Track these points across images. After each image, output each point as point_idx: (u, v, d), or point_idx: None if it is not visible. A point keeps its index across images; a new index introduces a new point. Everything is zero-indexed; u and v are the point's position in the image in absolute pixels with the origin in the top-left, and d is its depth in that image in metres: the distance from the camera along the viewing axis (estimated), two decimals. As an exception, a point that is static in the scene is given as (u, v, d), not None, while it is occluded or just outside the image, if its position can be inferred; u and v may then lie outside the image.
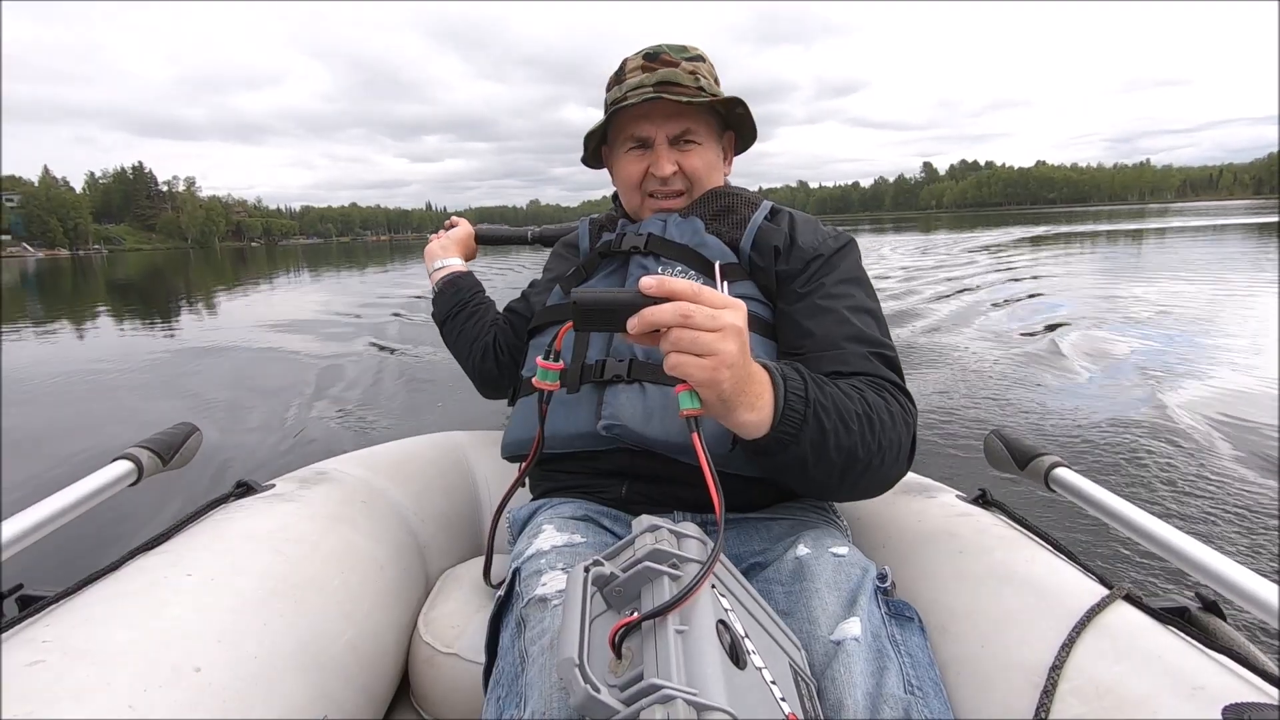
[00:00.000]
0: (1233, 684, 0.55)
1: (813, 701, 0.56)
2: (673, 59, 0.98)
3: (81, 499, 0.79)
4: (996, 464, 1.00)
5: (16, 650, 0.59)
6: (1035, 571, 0.76)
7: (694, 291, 0.59)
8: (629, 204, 1.06)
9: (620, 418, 0.84)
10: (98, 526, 2.37)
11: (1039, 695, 0.60)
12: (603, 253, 1.01)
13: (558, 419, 0.90)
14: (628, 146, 1.00)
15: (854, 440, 0.71)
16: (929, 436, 3.39)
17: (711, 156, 1.01)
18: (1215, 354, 4.92)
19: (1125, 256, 14.59)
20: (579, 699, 0.42)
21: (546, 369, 0.68)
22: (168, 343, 7.23)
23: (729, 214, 0.99)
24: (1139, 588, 0.69)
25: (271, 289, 15.41)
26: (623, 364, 0.87)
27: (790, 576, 0.75)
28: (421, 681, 0.90)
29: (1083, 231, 26.37)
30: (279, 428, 3.79)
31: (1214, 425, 3.37)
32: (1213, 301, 7.22)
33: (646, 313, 0.58)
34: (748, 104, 0.98)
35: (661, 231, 0.97)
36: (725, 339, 0.58)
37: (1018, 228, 32.10)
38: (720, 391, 0.60)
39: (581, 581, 0.51)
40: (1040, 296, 8.15)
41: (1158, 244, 18.02)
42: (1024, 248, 17.68)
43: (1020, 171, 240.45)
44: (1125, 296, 7.82)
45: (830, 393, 0.71)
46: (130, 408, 4.46)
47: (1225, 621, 0.69)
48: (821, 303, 0.88)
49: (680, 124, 0.97)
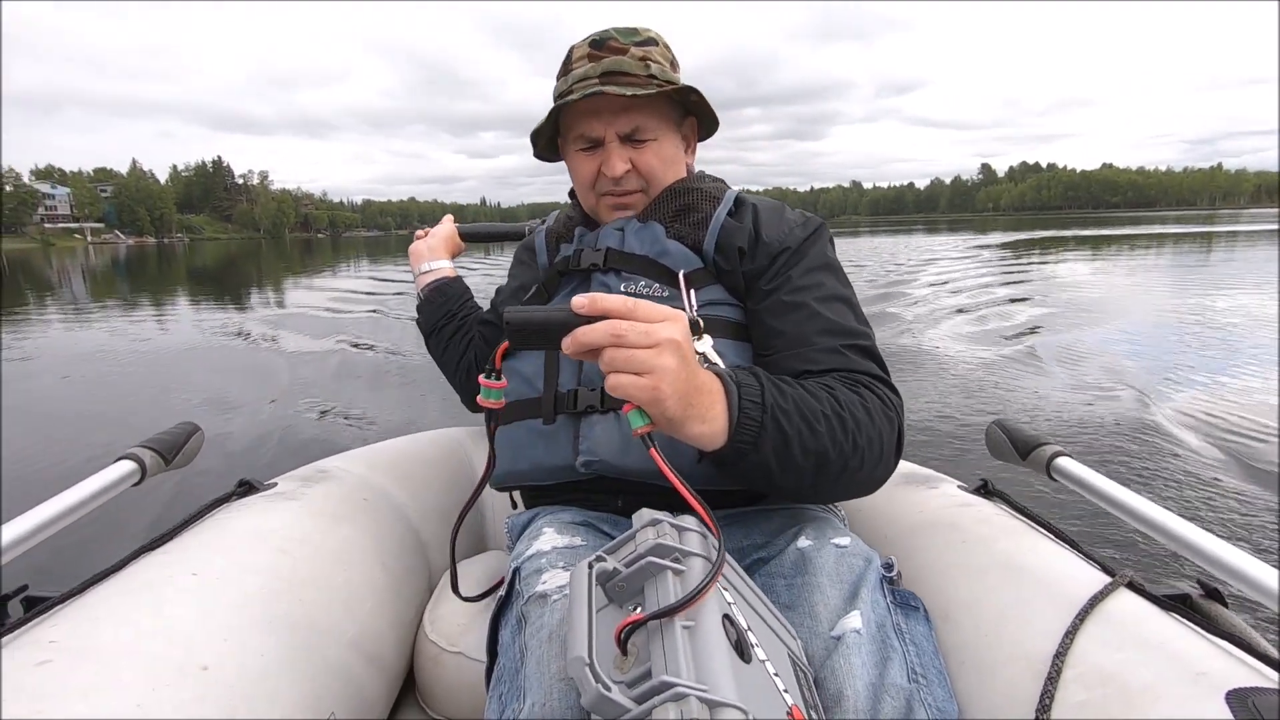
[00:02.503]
0: (1236, 669, 0.55)
1: (812, 692, 0.57)
2: (621, 45, 0.89)
3: (85, 499, 0.78)
4: (998, 454, 1.00)
5: (23, 651, 0.59)
6: (1038, 560, 0.76)
7: (628, 308, 0.56)
8: (585, 204, 1.00)
9: (598, 453, 0.81)
10: (101, 527, 2.37)
11: (1043, 683, 0.60)
12: (561, 270, 0.96)
13: (537, 451, 0.87)
14: (579, 145, 0.93)
15: (822, 442, 0.68)
16: (933, 426, 3.41)
17: (668, 150, 0.94)
18: (1219, 358, 4.94)
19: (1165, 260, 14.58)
20: (591, 698, 0.42)
21: (489, 388, 0.64)
22: (216, 333, 7.44)
23: (690, 213, 0.93)
24: (1140, 575, 0.70)
25: (333, 276, 16.30)
26: (595, 394, 0.84)
27: (792, 569, 0.75)
28: (427, 679, 0.91)
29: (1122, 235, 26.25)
30: (280, 426, 3.79)
31: (1213, 424, 3.39)
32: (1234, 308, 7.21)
33: (578, 333, 0.56)
34: (702, 92, 0.90)
35: (620, 244, 0.92)
36: (661, 354, 0.56)
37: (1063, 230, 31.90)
38: (663, 409, 0.58)
39: (586, 577, 0.51)
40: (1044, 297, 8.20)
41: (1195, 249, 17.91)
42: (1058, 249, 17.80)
43: (1082, 174, 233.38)
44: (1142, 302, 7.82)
45: (792, 395, 0.68)
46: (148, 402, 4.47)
47: (1227, 607, 0.69)
48: (788, 299, 0.84)
49: (631, 120, 0.89)
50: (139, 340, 7.06)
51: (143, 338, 7.25)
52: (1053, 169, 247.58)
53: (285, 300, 10.73)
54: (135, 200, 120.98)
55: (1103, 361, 4.76)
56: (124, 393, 4.80)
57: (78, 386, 5.00)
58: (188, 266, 25.13)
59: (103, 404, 4.50)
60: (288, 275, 17.77)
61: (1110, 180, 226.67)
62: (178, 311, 9.99)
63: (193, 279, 18.12)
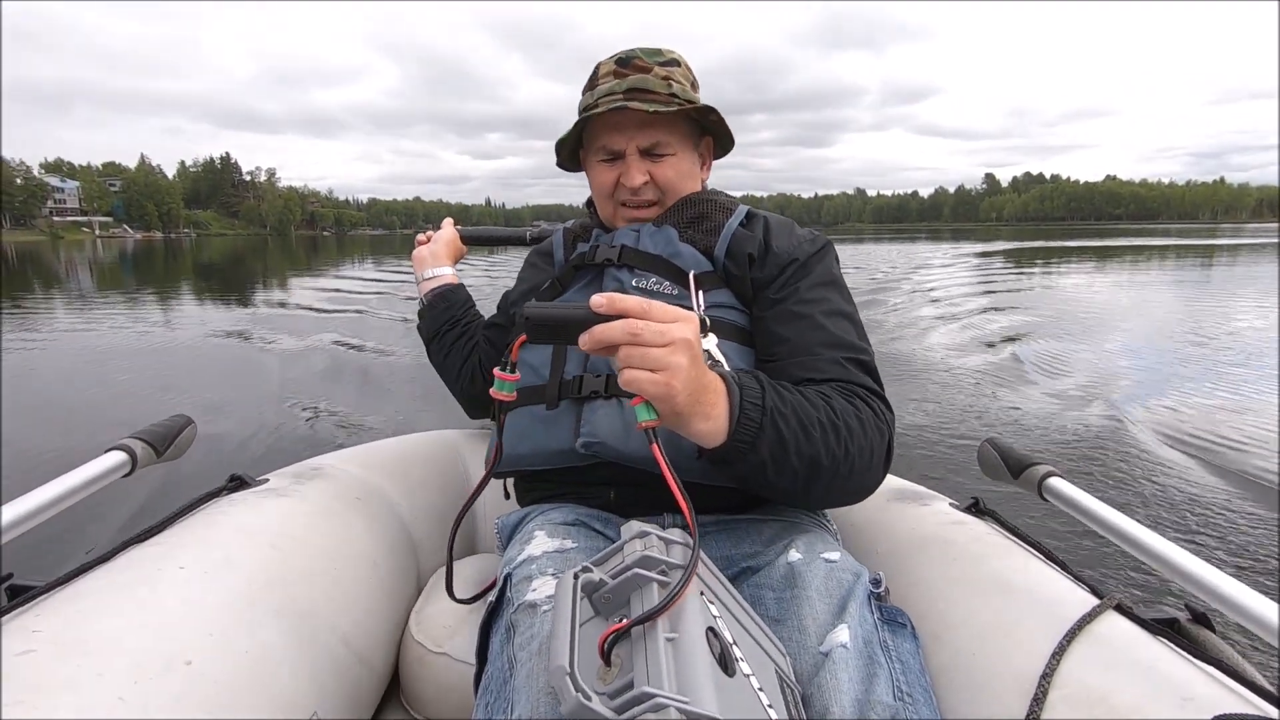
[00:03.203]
0: (1223, 695, 0.55)
1: (798, 708, 0.56)
2: (645, 64, 0.96)
3: (74, 489, 0.78)
4: (990, 472, 1.00)
5: (6, 640, 0.58)
6: (1027, 580, 0.76)
7: (643, 308, 0.59)
8: (603, 212, 1.05)
9: (599, 435, 0.84)
10: (88, 518, 2.37)
11: (1029, 703, 0.60)
12: (577, 265, 1.00)
13: (538, 435, 0.89)
14: (600, 156, 0.99)
15: (816, 448, 0.71)
16: (924, 443, 3.40)
17: (685, 165, 0.99)
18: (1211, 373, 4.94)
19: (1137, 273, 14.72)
20: (570, 707, 0.41)
21: (503, 380, 0.68)
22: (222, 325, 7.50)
23: (703, 221, 0.98)
24: (1129, 598, 0.70)
25: (336, 272, 16.51)
26: (600, 380, 0.87)
27: (782, 582, 0.75)
28: (411, 680, 0.90)
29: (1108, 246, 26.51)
30: (274, 422, 3.79)
31: (1204, 440, 3.39)
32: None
33: (596, 330, 0.59)
34: (720, 113, 0.96)
35: (635, 243, 0.96)
36: (675, 353, 0.59)
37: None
38: (674, 404, 0.61)
39: (571, 588, 0.51)
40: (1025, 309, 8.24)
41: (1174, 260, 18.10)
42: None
43: (1085, 186, 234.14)
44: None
45: (790, 400, 0.71)
46: (136, 395, 4.47)
47: (1215, 633, 0.69)
48: (795, 309, 0.88)
49: (651, 135, 0.95)
50: (140, 335, 7.08)
51: (144, 332, 7.28)
52: (1056, 180, 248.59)
53: (288, 298, 10.80)
54: (143, 195, 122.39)
55: (1095, 377, 4.76)
56: (120, 385, 4.80)
57: (76, 378, 5.01)
58: (194, 262, 25.51)
59: (98, 396, 4.51)
60: (292, 272, 17.97)
61: (1113, 192, 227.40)
62: (182, 307, 10.03)
63: (199, 274, 18.34)
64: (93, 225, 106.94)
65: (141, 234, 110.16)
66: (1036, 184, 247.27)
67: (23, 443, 3.38)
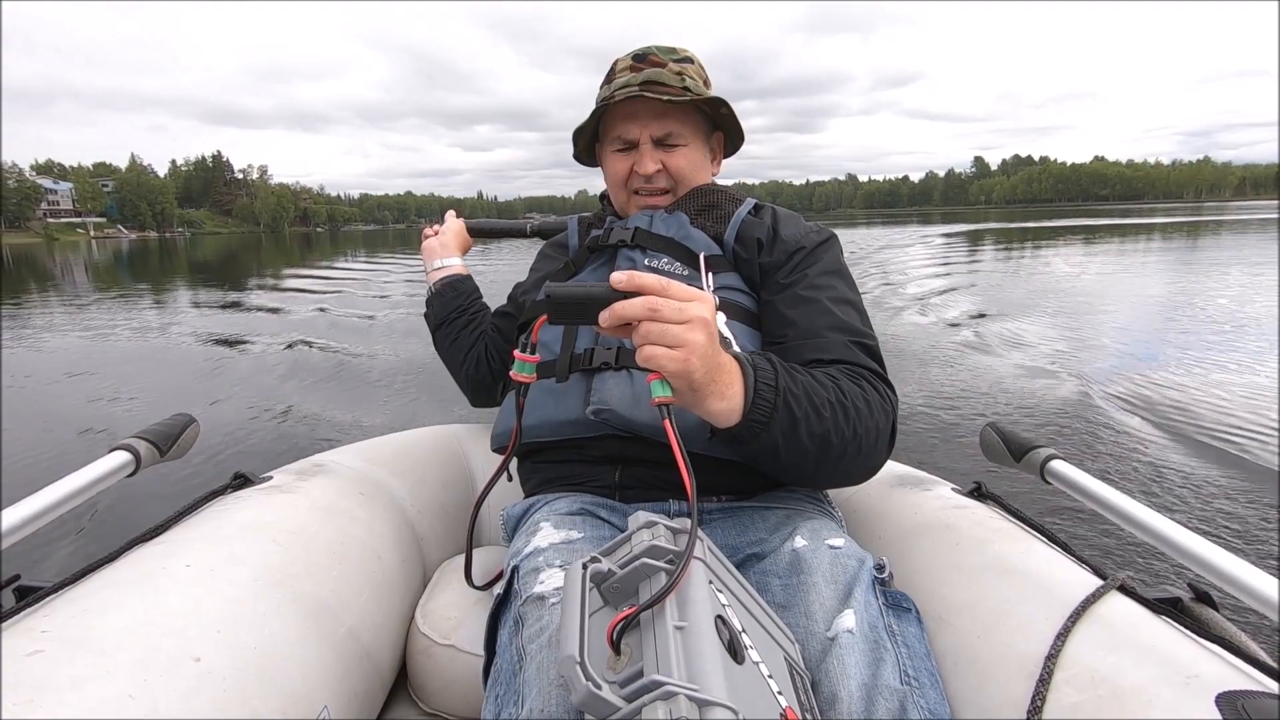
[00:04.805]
0: (1226, 672, 0.56)
1: (808, 695, 0.57)
2: (660, 60, 1.01)
3: (79, 489, 0.78)
4: (992, 456, 1.00)
5: (14, 640, 0.58)
6: (1030, 563, 0.76)
7: (662, 286, 0.60)
8: (617, 201, 1.09)
9: (609, 402, 0.86)
10: (95, 518, 2.37)
11: (1035, 685, 0.60)
12: (591, 248, 1.04)
13: (548, 407, 0.91)
14: (615, 146, 1.03)
15: (826, 427, 0.73)
16: (925, 428, 3.41)
17: (697, 156, 1.04)
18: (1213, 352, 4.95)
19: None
20: (581, 696, 0.42)
21: (523, 361, 0.69)
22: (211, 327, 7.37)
23: (713, 209, 1.02)
24: (1132, 578, 0.70)
25: (330, 270, 16.30)
26: (610, 351, 0.89)
27: (787, 569, 0.75)
28: (419, 673, 0.91)
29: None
30: (277, 419, 3.79)
31: (1210, 422, 3.40)
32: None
33: (616, 307, 0.60)
34: (731, 105, 1.00)
35: (648, 226, 1.00)
36: (693, 330, 0.60)
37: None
38: (691, 381, 0.62)
39: (580, 578, 0.51)
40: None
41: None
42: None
43: (1072, 167, 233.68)
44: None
45: (802, 381, 0.73)
46: (137, 394, 4.46)
47: (1218, 611, 0.69)
48: (804, 293, 0.91)
49: (665, 125, 0.99)
50: (140, 334, 7.06)
51: (142, 331, 7.26)
52: (1045, 162, 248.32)
53: (288, 298, 10.75)
54: (136, 195, 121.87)
55: (1095, 359, 4.76)
56: (120, 385, 4.79)
57: (74, 378, 5.00)
58: (189, 260, 25.58)
59: (98, 396, 4.50)
60: (286, 269, 17.89)
61: (1099, 173, 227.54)
62: (180, 306, 9.99)
63: (195, 272, 18.37)
64: (87, 226, 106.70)
65: (136, 233, 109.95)
66: (1025, 166, 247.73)
67: (23, 443, 3.38)
